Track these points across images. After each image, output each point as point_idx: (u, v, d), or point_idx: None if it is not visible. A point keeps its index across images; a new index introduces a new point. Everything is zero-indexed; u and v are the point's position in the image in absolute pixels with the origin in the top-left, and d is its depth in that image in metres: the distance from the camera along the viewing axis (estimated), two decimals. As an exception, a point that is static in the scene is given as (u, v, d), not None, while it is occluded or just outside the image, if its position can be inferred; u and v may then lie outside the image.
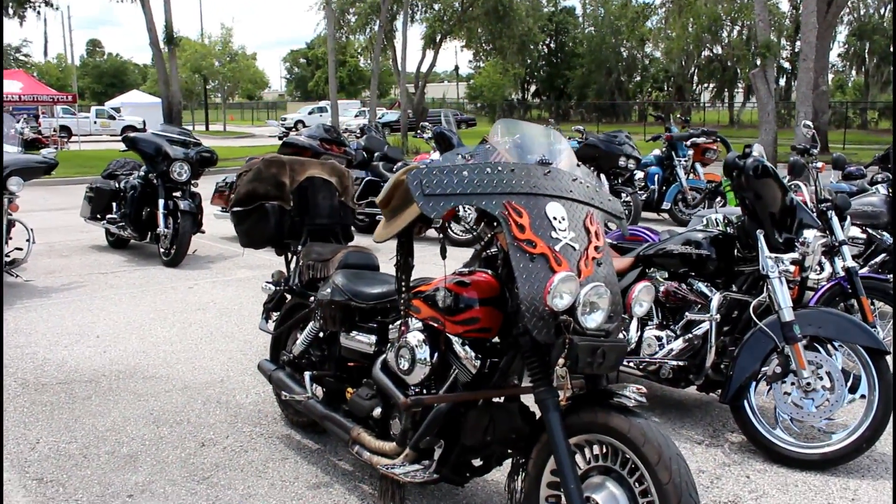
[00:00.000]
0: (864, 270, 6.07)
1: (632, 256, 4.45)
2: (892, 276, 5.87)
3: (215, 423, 4.14)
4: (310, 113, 43.73)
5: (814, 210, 4.92)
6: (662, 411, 4.35)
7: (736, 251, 4.03)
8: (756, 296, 3.92)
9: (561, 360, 2.50)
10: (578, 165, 3.20)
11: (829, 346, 3.80)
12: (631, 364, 4.22)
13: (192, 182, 8.36)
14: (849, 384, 3.73)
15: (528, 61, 51.03)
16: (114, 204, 8.76)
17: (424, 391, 2.96)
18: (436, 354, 2.93)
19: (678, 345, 4.06)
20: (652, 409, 4.34)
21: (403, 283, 3.03)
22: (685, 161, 10.53)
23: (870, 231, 6.22)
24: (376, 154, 10.07)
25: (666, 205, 10.65)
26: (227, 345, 5.47)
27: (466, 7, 33.63)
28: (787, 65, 42.66)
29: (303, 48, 44.28)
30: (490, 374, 2.86)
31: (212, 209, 9.30)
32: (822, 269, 6.31)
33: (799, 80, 15.72)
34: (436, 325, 2.86)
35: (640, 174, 10.83)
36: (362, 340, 3.44)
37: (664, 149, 10.78)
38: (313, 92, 61.73)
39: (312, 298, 3.76)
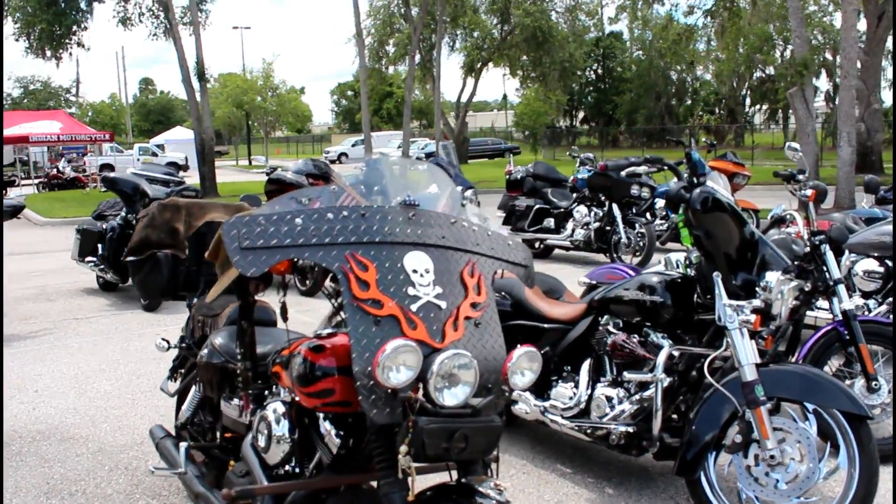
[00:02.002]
0: (882, 309, 5.42)
1: (584, 302, 3.92)
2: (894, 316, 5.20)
3: (112, 493, 3.71)
4: (353, 145, 43.80)
5: (806, 244, 4.33)
6: (620, 480, 3.76)
7: (696, 297, 3.47)
8: (719, 349, 3.34)
9: (403, 448, 2.03)
10: (463, 204, 2.72)
11: (804, 410, 3.21)
12: (577, 428, 3.67)
13: (175, 220, 8.04)
14: (825, 456, 3.12)
15: (575, 87, 50.50)
16: (100, 245, 8.50)
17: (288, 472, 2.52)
18: (303, 430, 2.50)
19: (628, 407, 3.50)
20: (608, 479, 3.77)
21: (240, 352, 2.60)
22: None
23: (889, 264, 5.54)
24: (375, 188, 9.65)
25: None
26: (166, 401, 5.04)
27: (506, 35, 33.34)
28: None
29: (350, 80, 44.63)
30: (355, 455, 2.38)
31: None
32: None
33: (840, 99, 14.86)
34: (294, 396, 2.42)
35: (660, 202, 10.21)
36: (248, 407, 2.99)
37: (685, 174, 10.12)
38: (360, 123, 62.05)
39: (200, 358, 3.33)
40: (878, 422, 4.10)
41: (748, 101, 48.50)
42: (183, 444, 3.20)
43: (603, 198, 9.35)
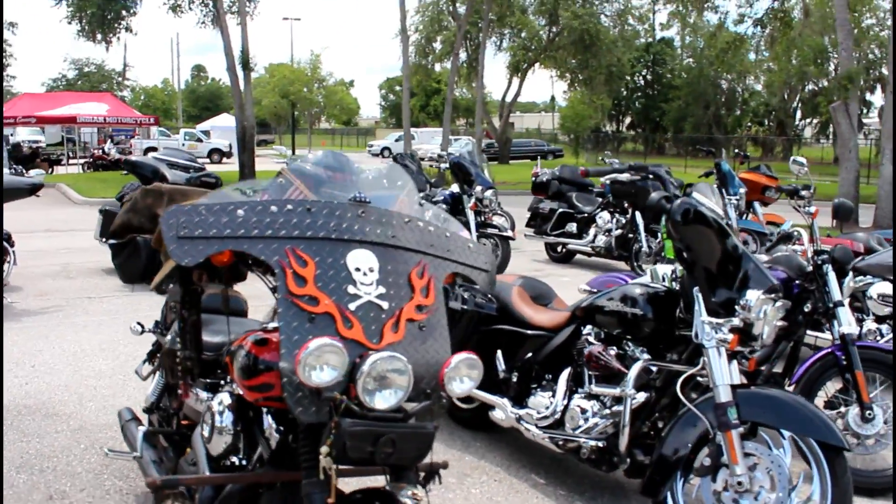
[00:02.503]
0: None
1: (569, 310, 3.82)
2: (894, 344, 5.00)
3: (81, 472, 3.73)
4: (396, 140, 43.87)
5: (809, 264, 4.17)
6: (593, 495, 3.66)
7: (679, 311, 3.35)
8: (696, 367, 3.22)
9: (324, 448, 1.99)
10: (421, 204, 2.66)
11: (779, 436, 3.08)
12: (549, 438, 3.58)
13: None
14: (797, 486, 2.99)
15: (623, 92, 49.98)
16: (120, 226, 8.57)
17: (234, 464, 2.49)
18: (250, 424, 2.48)
19: (599, 421, 3.40)
20: (581, 493, 3.67)
21: (179, 340, 2.57)
22: (736, 199, 9.61)
23: (905, 288, 5.34)
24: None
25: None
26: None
27: (553, 36, 33.09)
28: None
29: (398, 75, 44.85)
30: (295, 452, 2.34)
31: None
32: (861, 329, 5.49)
33: (885, 114, 14.42)
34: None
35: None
36: (199, 397, 2.96)
37: (715, 185, 9.90)
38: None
39: (171, 344, 3.31)
40: (873, 453, 3.95)
41: (799, 113, 47.51)
42: (141, 429, 3.19)
43: (626, 205, 9.19)
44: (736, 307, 3.03)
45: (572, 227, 9.69)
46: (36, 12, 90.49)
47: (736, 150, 11.31)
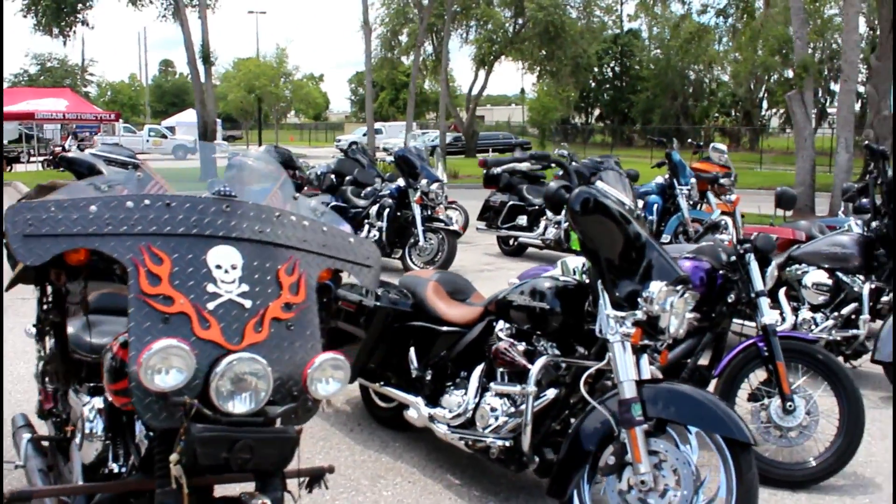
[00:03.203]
0: (829, 323, 5.18)
1: (482, 305, 3.71)
2: (826, 337, 4.96)
3: (-23, 486, 3.54)
4: (364, 134, 43.64)
5: (732, 253, 4.10)
6: (507, 496, 3.56)
7: (587, 305, 3.25)
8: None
9: (174, 456, 1.90)
10: (296, 197, 2.54)
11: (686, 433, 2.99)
12: (459, 438, 3.47)
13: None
14: (703, 483, 2.90)
15: (591, 84, 50.03)
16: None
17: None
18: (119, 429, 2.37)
19: (507, 420, 3.29)
20: (496, 493, 3.57)
21: (39, 346, 2.44)
22: (688, 189, 9.57)
23: (839, 276, 5.29)
24: (347, 178, 9.48)
25: (665, 237, 9.71)
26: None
27: (519, 28, 32.99)
28: (861, 88, 40.60)
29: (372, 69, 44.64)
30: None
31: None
32: (784, 320, 5.44)
33: (839, 103, 14.52)
34: None
35: (639, 203, 9.95)
36: (83, 402, 2.82)
37: (666, 176, 9.85)
38: (377, 113, 61.89)
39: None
40: (795, 445, 3.89)
41: (765, 103, 47.83)
42: (26, 436, 3.05)
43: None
44: (639, 300, 2.93)
45: (523, 219, 9.60)
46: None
47: (689, 140, 11.25)
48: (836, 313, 5.20)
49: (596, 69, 50.82)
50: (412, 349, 3.89)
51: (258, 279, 2.15)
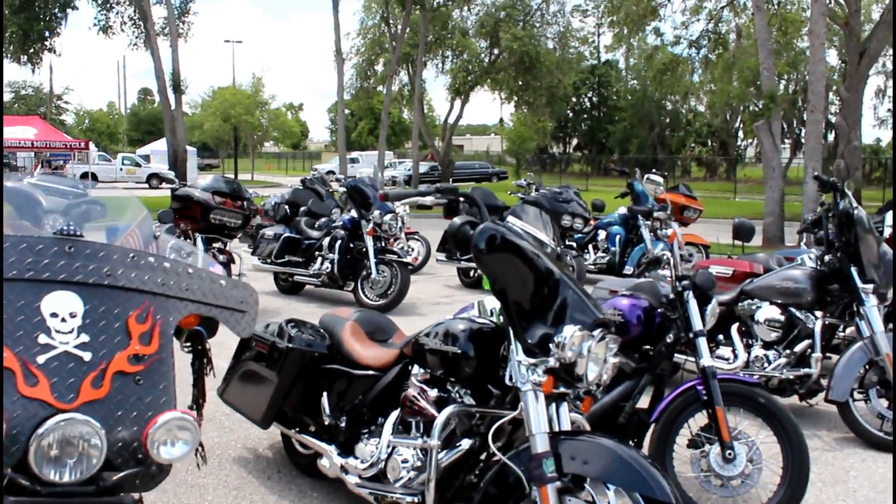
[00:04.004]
0: (782, 361, 4.97)
1: (396, 349, 3.46)
2: (777, 375, 4.75)
3: None
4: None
5: (670, 292, 3.88)
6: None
7: (503, 349, 3.00)
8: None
9: None
10: (157, 236, 2.30)
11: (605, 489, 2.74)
12: (369, 492, 3.20)
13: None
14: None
15: (569, 114, 50.25)
16: None
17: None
18: None
19: (417, 474, 3.03)
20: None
21: None
22: (650, 221, 9.40)
23: (792, 311, 5.08)
24: (301, 209, 9.22)
25: (628, 269, 9.51)
26: None
27: (494, 59, 33.03)
28: (832, 119, 40.95)
29: (346, 99, 44.27)
30: None
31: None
32: (736, 357, 5.23)
33: (807, 134, 14.46)
34: None
35: (602, 234, 9.76)
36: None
37: (629, 206, 9.68)
38: (356, 142, 61.90)
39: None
40: (737, 495, 3.64)
41: (741, 133, 48.16)
42: None
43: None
44: (550, 345, 2.68)
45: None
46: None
47: (653, 170, 11.10)
48: (788, 351, 4.98)
49: (574, 99, 51.13)
50: (325, 394, 3.62)
51: (102, 328, 1.92)
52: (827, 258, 5.11)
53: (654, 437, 3.70)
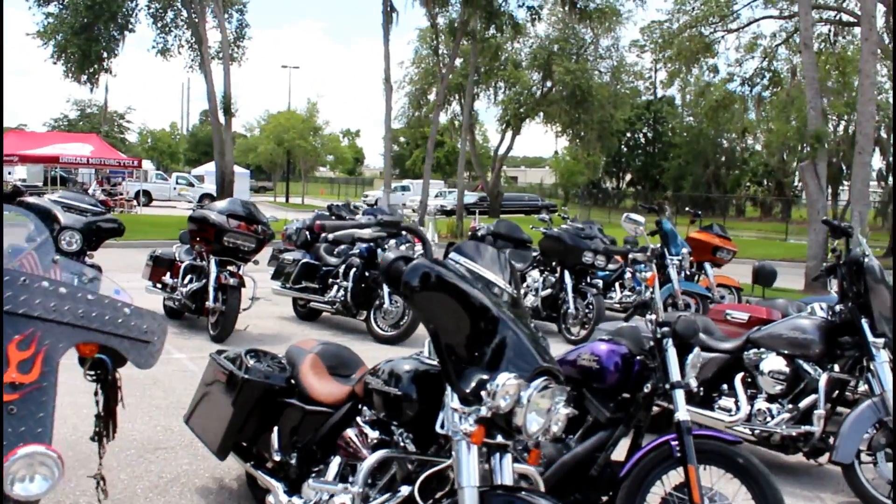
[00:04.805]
0: (784, 416, 4.69)
1: (350, 385, 3.31)
2: (779, 431, 4.48)
3: None
4: (392, 191, 43.82)
5: (650, 338, 3.67)
6: None
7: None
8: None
9: None
10: (55, 261, 2.21)
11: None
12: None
13: (88, 252, 7.69)
14: None
15: (623, 149, 49.81)
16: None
17: None
18: None
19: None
20: None
21: None
22: (678, 259, 9.11)
23: (799, 363, 4.80)
24: (322, 235, 9.18)
25: (683, 311, 9.23)
26: None
27: (546, 91, 32.95)
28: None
29: (401, 127, 44.66)
30: None
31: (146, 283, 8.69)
32: (738, 409, 4.97)
33: (854, 175, 13.92)
34: None
35: (628, 273, 9.49)
36: None
37: (658, 245, 9.41)
38: (410, 170, 62.29)
39: None
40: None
41: (797, 174, 47.11)
42: None
43: (555, 263, 8.70)
44: (482, 392, 2.51)
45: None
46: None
47: (687, 209, 10.82)
48: (791, 405, 4.70)
49: (628, 134, 50.69)
50: (276, 429, 3.49)
51: None
52: (838, 308, 4.84)
53: (623, 495, 3.47)
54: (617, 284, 9.70)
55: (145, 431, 5.00)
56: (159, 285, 8.51)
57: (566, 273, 8.46)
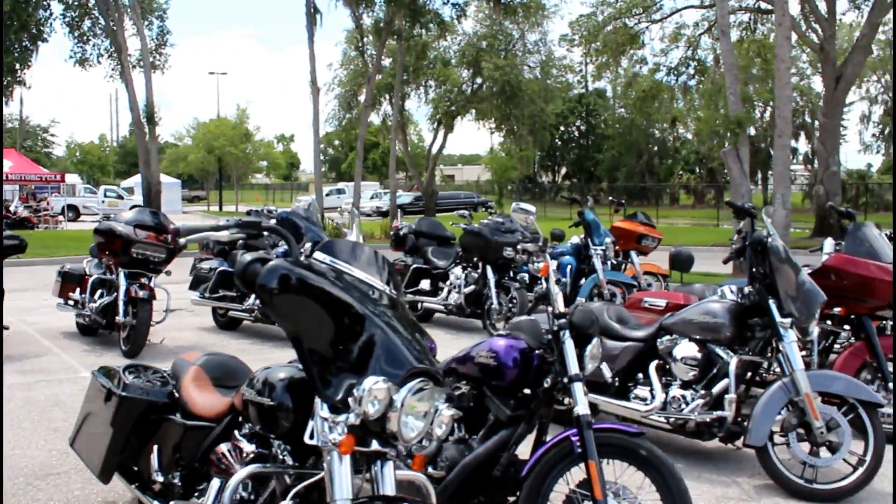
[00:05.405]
0: (699, 402, 4.63)
1: (229, 397, 3.12)
2: (693, 418, 4.43)
3: None
4: (327, 194, 43.33)
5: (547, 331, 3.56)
6: None
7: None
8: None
9: None
10: None
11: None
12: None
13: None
14: None
15: (557, 142, 50.16)
16: None
17: None
18: None
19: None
20: None
21: None
22: (602, 249, 9.06)
23: (711, 348, 4.75)
24: (239, 242, 8.89)
25: (580, 300, 9.19)
26: None
27: (476, 88, 32.93)
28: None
29: (336, 130, 44.22)
30: None
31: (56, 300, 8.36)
32: (654, 398, 4.90)
33: (775, 159, 14.18)
34: None
35: (553, 264, 9.42)
36: None
37: (581, 236, 9.36)
38: (346, 173, 61.85)
39: None
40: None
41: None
42: None
43: (476, 259, 8.59)
44: (350, 399, 2.35)
45: (426, 283, 9.04)
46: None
47: (610, 199, 10.82)
48: (704, 391, 4.65)
49: (562, 128, 51.07)
50: (155, 447, 3.29)
51: None
52: (747, 290, 4.80)
53: (525, 495, 3.35)
54: (543, 278, 9.62)
55: (38, 457, 4.73)
56: (70, 302, 8.17)
57: (488, 268, 8.35)
